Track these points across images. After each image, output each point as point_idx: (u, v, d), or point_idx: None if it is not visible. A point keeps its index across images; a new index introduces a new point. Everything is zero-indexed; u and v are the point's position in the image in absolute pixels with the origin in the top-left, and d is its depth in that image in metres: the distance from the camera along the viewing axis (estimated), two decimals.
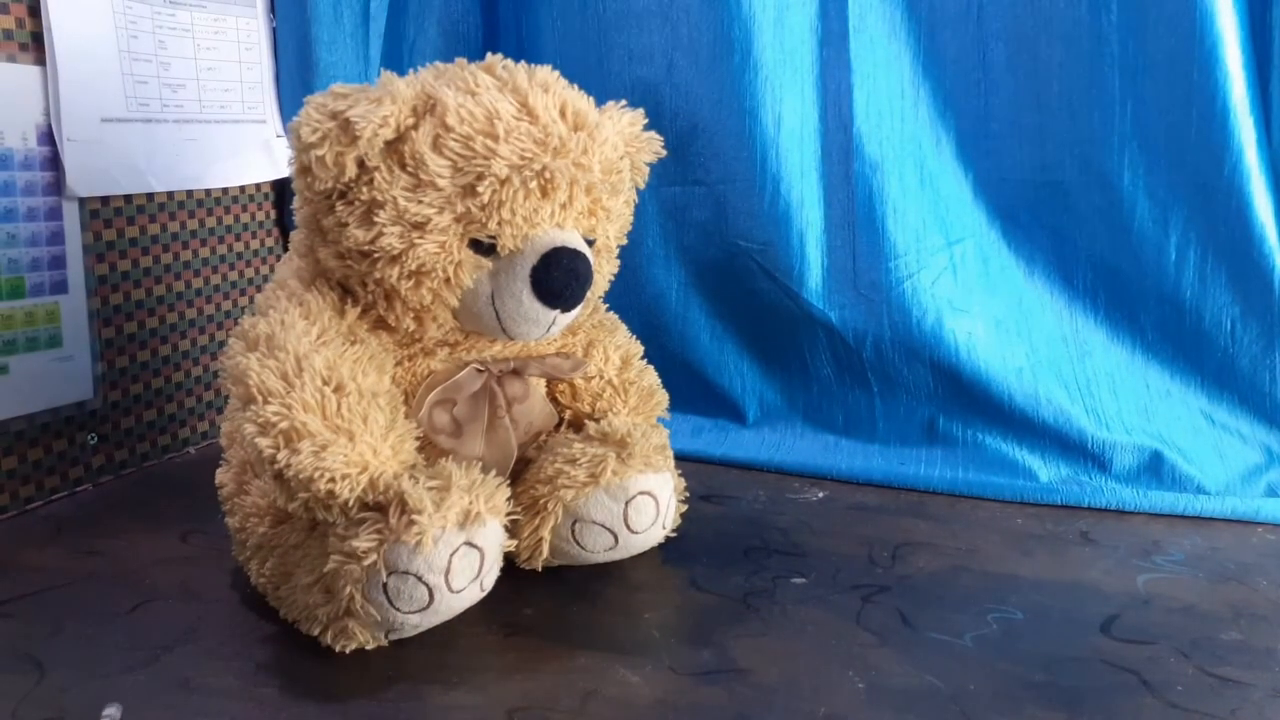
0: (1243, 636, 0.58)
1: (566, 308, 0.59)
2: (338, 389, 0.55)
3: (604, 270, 0.66)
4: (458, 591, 0.53)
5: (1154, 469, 0.78)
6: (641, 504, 0.62)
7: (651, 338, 0.96)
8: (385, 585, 0.52)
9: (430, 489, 0.53)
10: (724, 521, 0.75)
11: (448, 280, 0.58)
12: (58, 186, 0.77)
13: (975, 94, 0.85)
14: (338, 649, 0.55)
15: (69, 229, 0.79)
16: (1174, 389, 0.83)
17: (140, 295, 0.86)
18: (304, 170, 0.57)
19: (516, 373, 0.65)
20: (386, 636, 0.56)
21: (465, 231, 0.57)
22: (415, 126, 0.56)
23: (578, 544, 0.62)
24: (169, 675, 0.54)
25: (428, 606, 0.53)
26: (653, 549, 0.67)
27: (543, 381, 0.70)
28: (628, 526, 0.62)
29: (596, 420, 0.68)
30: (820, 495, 0.81)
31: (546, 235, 0.58)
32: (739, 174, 0.88)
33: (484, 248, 0.58)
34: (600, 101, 0.63)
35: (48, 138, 0.76)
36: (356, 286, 0.60)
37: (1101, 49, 0.79)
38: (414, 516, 0.51)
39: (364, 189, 0.56)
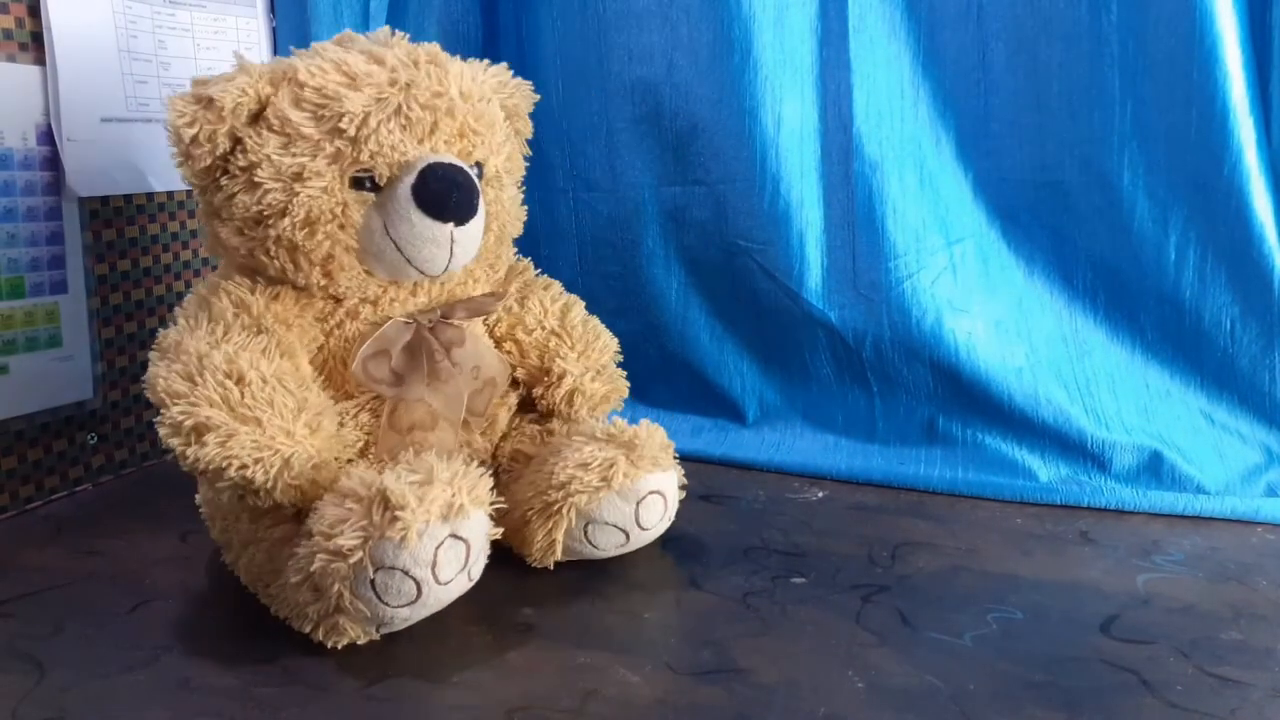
0: (1242, 636, 0.58)
1: (458, 219, 0.60)
2: (239, 380, 0.57)
3: (505, 204, 0.67)
4: (445, 583, 0.54)
5: (1154, 469, 0.78)
6: (652, 502, 0.63)
7: (651, 337, 0.96)
8: (373, 581, 0.52)
9: (412, 483, 0.53)
10: (724, 521, 0.75)
11: (341, 224, 0.60)
12: (57, 186, 0.77)
13: (975, 94, 0.85)
14: (329, 645, 0.55)
15: (69, 229, 0.79)
16: (1174, 389, 0.83)
17: (140, 295, 0.86)
18: (185, 158, 0.61)
19: (446, 318, 0.66)
20: (378, 631, 0.56)
21: (343, 172, 0.60)
22: (275, 94, 0.60)
23: (590, 543, 0.64)
24: (169, 675, 0.54)
25: (416, 600, 0.53)
26: (653, 547, 0.67)
27: (488, 334, 0.71)
28: (639, 524, 0.63)
29: (549, 372, 0.71)
30: (820, 495, 0.81)
31: (421, 158, 0.60)
32: (739, 174, 0.88)
33: (366, 185, 0.60)
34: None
35: (47, 137, 0.76)
36: (263, 258, 0.62)
37: (1101, 49, 0.79)
38: (397, 512, 0.51)
39: (240, 157, 0.60)
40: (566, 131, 0.93)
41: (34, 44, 0.75)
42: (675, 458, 0.67)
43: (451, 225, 0.60)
